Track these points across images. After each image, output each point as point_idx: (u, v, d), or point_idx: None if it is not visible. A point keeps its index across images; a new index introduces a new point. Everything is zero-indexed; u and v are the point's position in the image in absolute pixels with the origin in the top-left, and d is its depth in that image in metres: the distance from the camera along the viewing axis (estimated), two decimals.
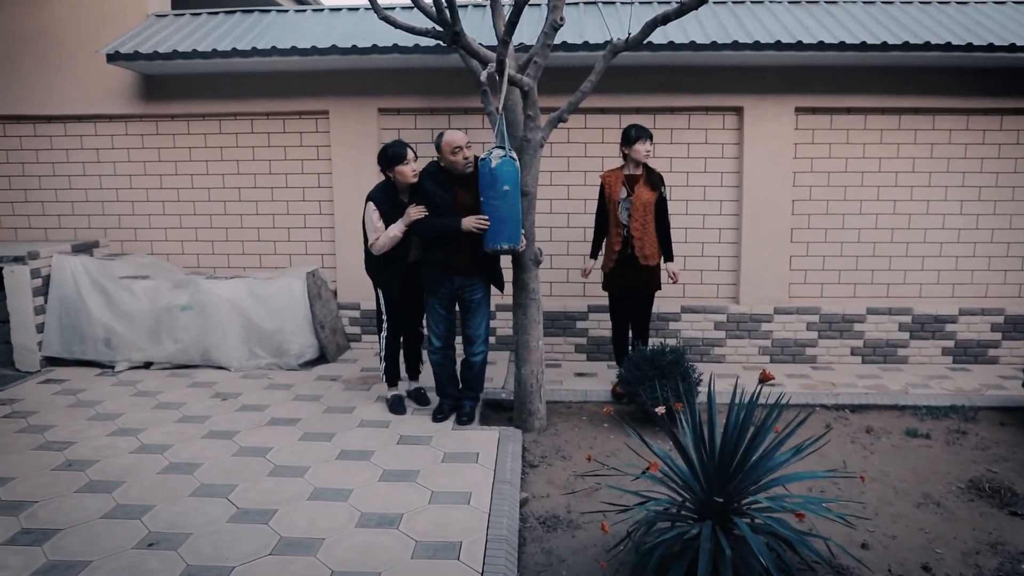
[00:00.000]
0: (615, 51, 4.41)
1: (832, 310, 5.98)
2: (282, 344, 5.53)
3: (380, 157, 4.38)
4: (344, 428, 4.31)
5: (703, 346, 6.04)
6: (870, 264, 6.03)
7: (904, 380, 5.58)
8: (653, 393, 4.52)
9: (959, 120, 5.85)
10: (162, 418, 4.46)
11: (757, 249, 5.92)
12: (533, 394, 4.53)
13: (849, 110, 5.85)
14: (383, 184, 4.45)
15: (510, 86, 4.31)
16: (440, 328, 4.40)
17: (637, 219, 4.91)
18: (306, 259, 6.27)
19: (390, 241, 4.30)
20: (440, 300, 4.36)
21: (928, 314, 5.97)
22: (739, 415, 2.89)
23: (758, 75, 5.71)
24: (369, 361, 5.84)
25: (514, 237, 4.12)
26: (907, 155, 5.91)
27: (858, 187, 5.95)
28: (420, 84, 5.88)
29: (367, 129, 5.97)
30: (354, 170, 6.01)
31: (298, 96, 5.97)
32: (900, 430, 4.72)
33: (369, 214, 4.37)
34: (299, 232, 6.25)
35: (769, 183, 5.84)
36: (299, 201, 6.22)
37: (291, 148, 6.16)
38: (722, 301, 6.08)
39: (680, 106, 5.84)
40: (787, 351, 6.04)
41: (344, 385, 5.20)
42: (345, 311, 6.20)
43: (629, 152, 4.94)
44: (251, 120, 6.14)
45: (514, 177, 4.10)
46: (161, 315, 5.49)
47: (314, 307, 5.69)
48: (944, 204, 5.95)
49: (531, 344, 4.52)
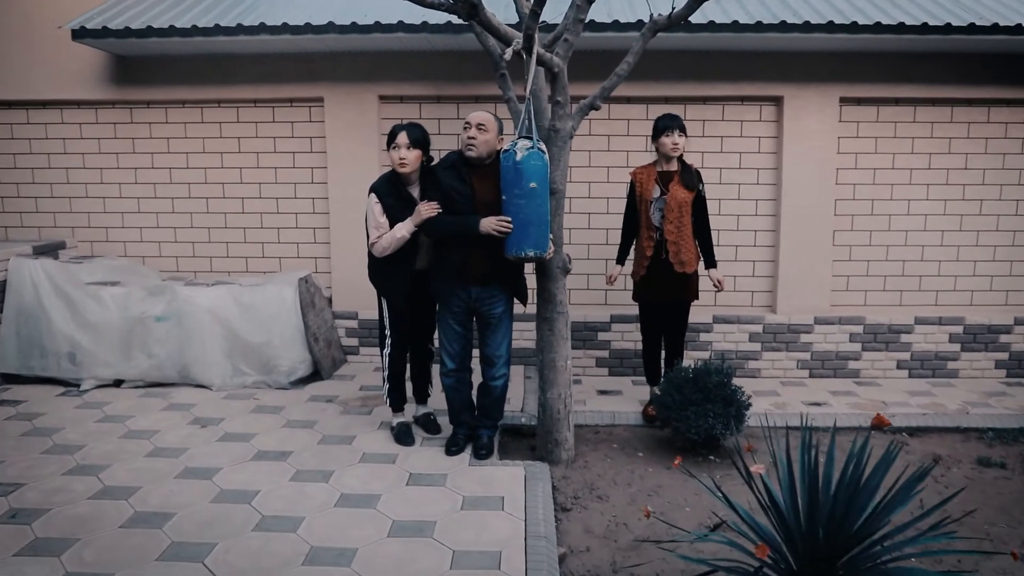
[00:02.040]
0: (656, 29, 3.83)
1: (877, 320, 5.45)
2: (271, 360, 4.92)
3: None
4: (343, 464, 3.72)
5: (736, 359, 5.49)
6: (918, 269, 5.51)
7: (959, 397, 5.07)
8: (699, 420, 3.96)
9: (1016, 112, 5.32)
10: (131, 451, 3.84)
11: (796, 253, 5.37)
12: (561, 421, 3.96)
13: (897, 101, 5.31)
14: (389, 174, 3.86)
15: (537, 68, 3.74)
16: (454, 347, 3.82)
17: (672, 221, 4.34)
18: (298, 263, 5.65)
19: (396, 243, 3.71)
20: (454, 314, 3.77)
21: (981, 324, 5.46)
22: (850, 466, 2.33)
23: (800, 61, 5.15)
24: (368, 378, 5.24)
25: (541, 243, 3.54)
26: (959, 150, 5.38)
27: (906, 185, 5.42)
28: (426, 68, 5.28)
29: (366, 119, 5.36)
30: (352, 164, 5.41)
31: (290, 81, 5.35)
32: (970, 458, 4.20)
33: (371, 208, 3.78)
34: (290, 233, 5.64)
35: (810, 181, 5.29)
36: (290, 198, 5.60)
37: (281, 139, 5.54)
38: (757, 310, 5.53)
39: (713, 95, 5.28)
40: (828, 365, 5.50)
41: (341, 408, 4.60)
42: (341, 321, 5.60)
43: (657, 146, 4.39)
44: (237, 108, 5.52)
45: (543, 172, 3.52)
46: (133, 326, 4.87)
47: (307, 317, 5.08)
48: (997, 204, 5.43)
49: (558, 364, 3.95)
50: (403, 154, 3.71)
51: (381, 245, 3.73)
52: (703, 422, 3.96)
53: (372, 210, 3.76)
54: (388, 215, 3.74)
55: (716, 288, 4.48)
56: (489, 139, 3.63)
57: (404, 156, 3.71)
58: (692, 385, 4.08)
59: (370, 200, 3.78)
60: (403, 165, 3.72)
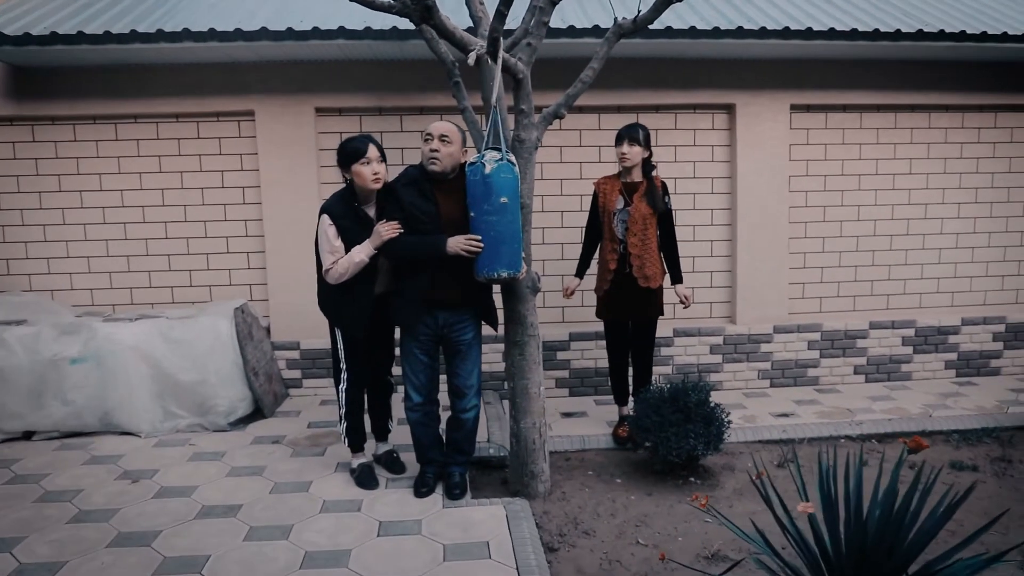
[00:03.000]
0: (621, 33, 3.66)
1: (834, 326, 5.45)
2: (207, 400, 4.44)
3: (339, 153, 3.44)
4: (303, 515, 3.32)
5: (698, 372, 5.37)
6: (870, 274, 5.54)
7: (918, 400, 5.10)
8: (680, 442, 3.77)
9: (955, 117, 5.45)
10: (49, 517, 3.32)
11: (754, 262, 5.31)
12: (536, 452, 3.69)
13: (845, 107, 5.34)
14: (342, 192, 3.50)
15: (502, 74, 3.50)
16: (420, 379, 3.49)
17: (636, 233, 4.17)
18: (230, 291, 5.18)
19: (354, 268, 3.36)
20: (420, 343, 3.45)
21: (931, 326, 5.54)
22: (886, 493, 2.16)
23: (752, 68, 5.11)
24: (315, 412, 4.82)
25: (514, 262, 3.27)
26: (904, 155, 5.46)
27: (855, 191, 5.45)
28: (367, 79, 4.95)
29: (302, 133, 4.97)
30: (288, 182, 5.00)
31: (217, 93, 4.90)
32: (942, 462, 4.18)
33: (323, 231, 3.41)
34: (220, 258, 5.16)
35: (765, 188, 5.25)
36: (220, 221, 5.13)
37: (208, 157, 5.07)
38: (717, 321, 5.43)
39: (666, 103, 5.17)
40: (788, 374, 5.46)
41: (291, 449, 4.17)
42: (281, 352, 5.16)
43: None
44: (156, 123, 5.02)
45: (513, 186, 3.26)
46: (45, 371, 4.29)
47: (245, 351, 4.63)
48: (941, 207, 5.54)
49: (531, 391, 3.68)
50: (377, 168, 3.38)
51: (337, 271, 3.37)
52: (684, 443, 3.78)
53: (326, 233, 3.39)
54: (343, 238, 3.39)
55: (683, 304, 4.33)
56: (453, 151, 3.35)
57: (378, 171, 3.38)
58: (670, 404, 3.89)
59: (322, 222, 3.42)
60: (377, 180, 3.39)
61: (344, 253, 3.39)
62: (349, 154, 3.38)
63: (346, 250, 3.39)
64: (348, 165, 3.40)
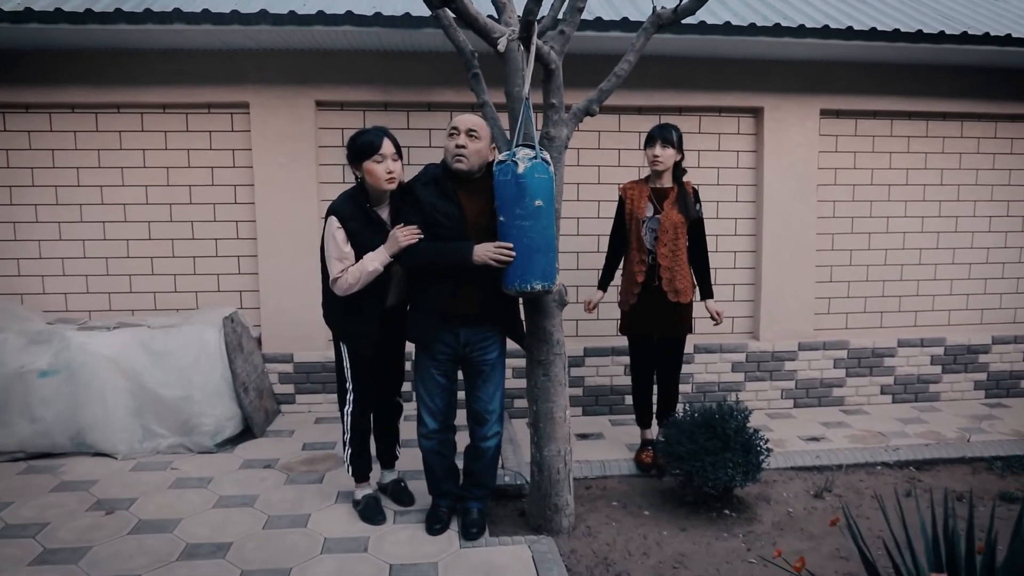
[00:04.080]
0: (659, 24, 3.35)
1: (861, 344, 5.16)
2: (192, 418, 4.04)
3: (349, 148, 3.06)
4: (302, 556, 2.93)
5: (719, 391, 5.06)
6: (898, 290, 5.27)
7: (951, 423, 4.82)
8: (717, 472, 3.44)
9: (987, 127, 5.20)
10: (6, 557, 2.89)
11: (779, 275, 5.00)
12: (561, 483, 3.33)
13: (875, 114, 5.07)
14: (352, 191, 3.13)
15: (518, 68, 3.17)
16: (438, 402, 3.12)
17: (666, 243, 3.84)
18: (218, 298, 4.77)
19: (366, 278, 2.99)
20: (438, 363, 3.08)
21: (961, 344, 5.27)
22: None
23: (779, 71, 4.82)
24: (310, 432, 4.43)
25: (549, 273, 2.93)
26: (935, 166, 5.20)
27: (884, 202, 5.17)
28: (373, 71, 4.58)
29: (301, 128, 4.59)
30: (284, 181, 4.62)
31: (208, 83, 4.51)
32: (990, 494, 3.88)
33: (331, 235, 3.03)
34: (208, 262, 4.76)
35: (791, 197, 4.95)
36: (208, 222, 4.73)
37: (197, 152, 4.67)
38: (739, 338, 5.12)
39: (690, 105, 4.85)
40: (812, 393, 5.16)
41: (285, 475, 3.78)
42: (273, 365, 4.76)
43: (645, 158, 3.91)
44: (141, 114, 4.61)
45: (548, 187, 2.92)
46: (10, 384, 3.87)
47: (234, 364, 4.23)
48: (971, 220, 5.28)
49: (556, 415, 3.32)
50: (392, 167, 3.01)
51: (347, 281, 3.00)
52: (722, 473, 3.44)
53: (334, 237, 3.02)
54: (353, 242, 3.03)
55: (715, 321, 4.00)
56: (481, 148, 3.00)
57: (393, 169, 3.01)
58: (706, 431, 3.56)
59: (329, 225, 3.05)
60: (392, 180, 3.02)
61: (354, 260, 3.02)
62: (360, 149, 3.01)
63: (356, 256, 3.02)
64: (359, 161, 3.03)
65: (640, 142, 4.87)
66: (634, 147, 4.88)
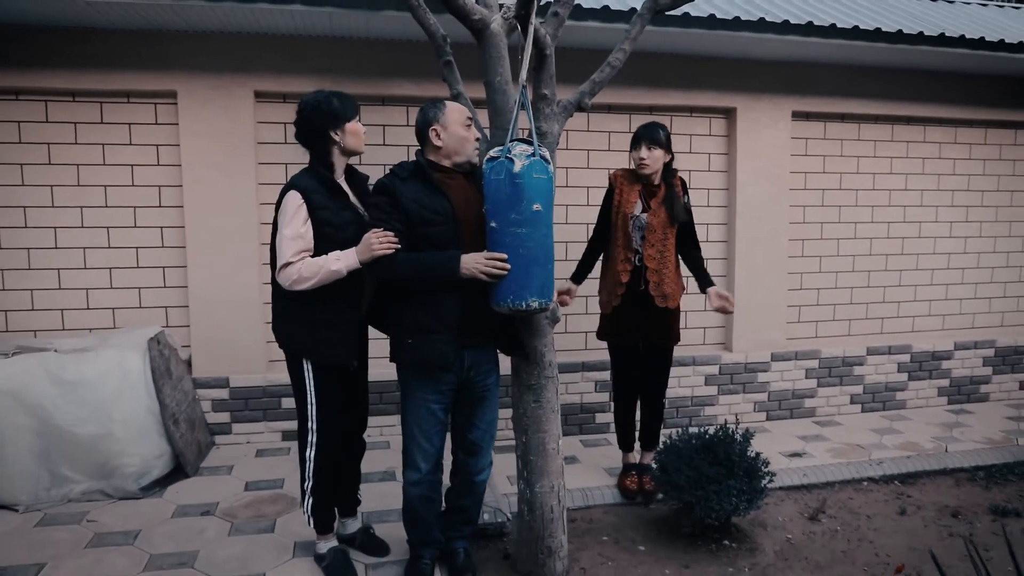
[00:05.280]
0: (656, 9, 3.04)
1: (832, 352, 5.03)
2: (112, 459, 3.43)
3: (317, 115, 2.63)
4: None
5: (692, 406, 4.81)
6: (865, 296, 5.17)
7: (924, 432, 4.75)
8: (722, 501, 3.14)
9: (947, 132, 5.18)
10: None
11: (753, 283, 4.81)
12: (555, 523, 2.96)
13: (843, 116, 4.95)
14: (310, 167, 2.71)
15: (500, 56, 2.80)
16: (435, 443, 2.66)
17: (654, 244, 3.53)
18: (140, 315, 4.15)
19: (325, 276, 2.54)
20: (441, 395, 2.62)
21: (926, 351, 5.23)
22: None
23: (753, 70, 4.63)
24: (251, 468, 3.89)
25: (547, 288, 2.55)
26: (900, 170, 5.14)
27: (852, 207, 5.07)
28: (321, 59, 4.09)
29: (238, 121, 4.05)
30: (217, 182, 4.06)
31: (127, 68, 3.90)
32: (981, 508, 3.79)
33: (293, 211, 2.56)
34: (127, 274, 4.13)
35: (765, 201, 4.76)
36: (127, 227, 4.11)
37: (114, 147, 4.05)
38: (711, 349, 4.89)
39: (662, 104, 4.59)
40: (785, 405, 4.98)
41: (228, 523, 3.24)
42: (205, 391, 4.18)
43: (631, 161, 3.60)
44: (44, 103, 3.95)
45: (548, 190, 2.55)
46: None
47: (162, 393, 3.65)
48: (934, 226, 5.25)
49: (548, 446, 2.95)
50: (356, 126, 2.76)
51: (299, 272, 2.54)
52: (727, 503, 3.16)
53: (296, 214, 2.56)
54: (317, 219, 2.58)
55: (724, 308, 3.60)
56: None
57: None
58: (706, 456, 3.27)
59: (291, 200, 2.58)
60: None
61: (311, 247, 2.57)
62: (345, 109, 2.67)
63: (317, 245, 2.57)
64: (341, 124, 2.65)
65: (610, 143, 4.60)
66: (603, 148, 4.58)
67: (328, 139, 2.65)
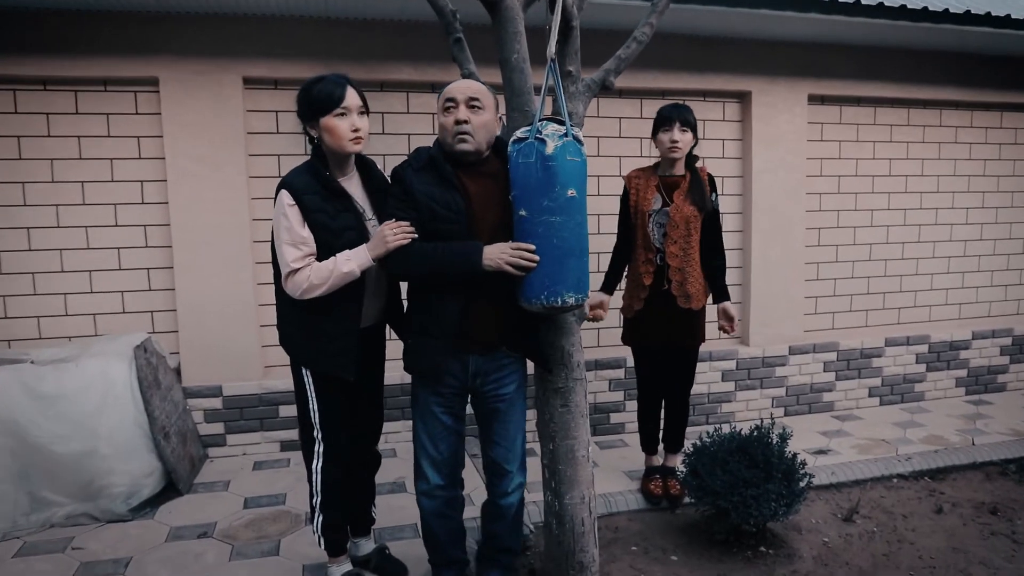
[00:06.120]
0: None
1: (850, 345, 4.85)
2: (97, 478, 3.15)
3: (301, 102, 2.34)
4: None
5: (709, 403, 4.61)
6: (882, 286, 5.00)
7: (947, 424, 4.60)
8: (761, 507, 2.94)
9: (964, 116, 5.02)
10: None
11: (769, 274, 4.61)
12: (586, 536, 2.72)
13: (859, 100, 4.77)
14: (308, 162, 2.41)
15: (518, 32, 2.56)
16: (443, 450, 2.44)
17: (676, 240, 3.32)
18: (123, 321, 3.86)
19: (336, 280, 2.29)
20: (443, 398, 2.40)
21: (944, 341, 5.07)
22: None
23: (768, 51, 4.42)
24: (249, 483, 3.62)
25: (582, 283, 2.32)
26: (916, 155, 4.96)
27: (868, 194, 4.89)
28: (315, 42, 3.82)
29: (226, 110, 3.77)
30: (205, 176, 3.78)
31: (104, 53, 3.61)
32: (1019, 503, 3.64)
33: (282, 213, 2.30)
34: (109, 277, 3.84)
35: (782, 190, 4.57)
36: (108, 227, 3.81)
37: (91, 140, 3.75)
38: (728, 343, 4.69)
39: (673, 88, 4.37)
40: (803, 400, 4.80)
41: (229, 545, 2.98)
42: (197, 401, 3.90)
43: (656, 144, 3.38)
44: (13, 92, 3.64)
45: (582, 174, 2.32)
46: None
47: (151, 404, 3.37)
48: (950, 213, 5.09)
49: (578, 454, 2.71)
50: (358, 123, 2.32)
51: (307, 278, 2.28)
52: (766, 508, 2.95)
53: (286, 216, 2.28)
54: (313, 223, 2.31)
55: (726, 330, 3.49)
56: (487, 121, 2.33)
57: (359, 126, 2.32)
58: (741, 458, 3.06)
59: (280, 201, 2.30)
60: (358, 140, 2.33)
61: (315, 248, 2.31)
62: (318, 102, 2.30)
63: (320, 244, 2.31)
64: (316, 118, 2.32)
65: (620, 129, 4.38)
66: (613, 135, 4.36)
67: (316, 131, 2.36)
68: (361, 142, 2.34)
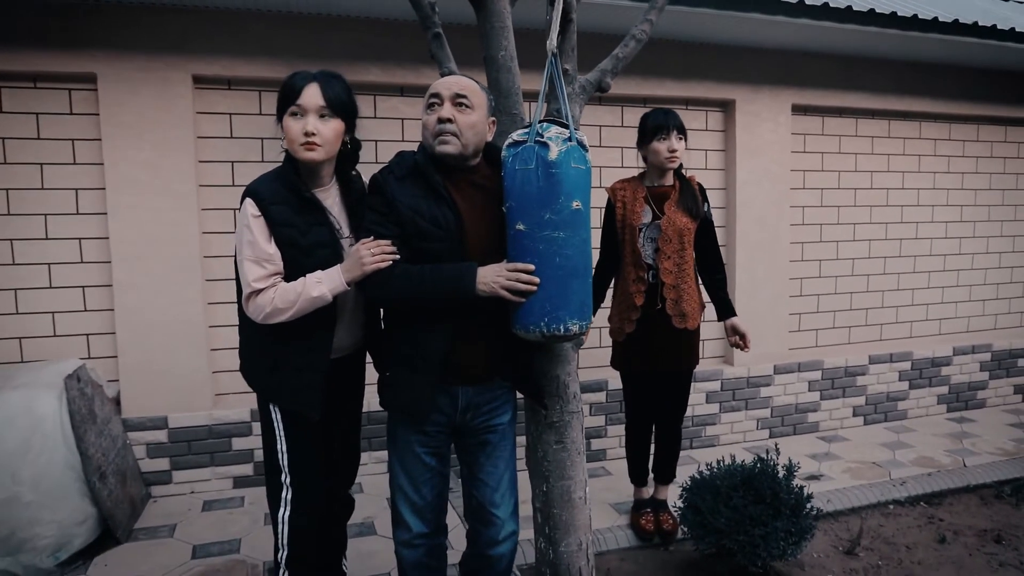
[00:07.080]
0: None
1: (834, 363, 4.70)
2: (19, 529, 2.73)
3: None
4: None
5: (693, 427, 4.39)
6: (865, 302, 4.87)
7: (934, 444, 4.48)
8: (769, 546, 2.70)
9: (942, 128, 4.95)
10: None
11: (755, 290, 4.43)
12: None
13: (841, 111, 4.65)
14: (279, 168, 2.10)
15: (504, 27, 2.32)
16: (425, 494, 2.12)
17: (670, 255, 3.09)
18: (54, 345, 3.43)
19: (304, 304, 1.97)
20: (428, 437, 2.09)
21: (926, 357, 4.97)
22: None
23: (753, 59, 4.26)
24: (198, 527, 3.23)
25: (587, 307, 2.05)
26: (897, 168, 4.87)
27: (851, 207, 4.76)
28: (274, 39, 3.49)
29: (173, 112, 3.40)
30: (148, 184, 3.40)
31: (35, 47, 3.21)
32: (1021, 529, 3.48)
33: (246, 225, 1.99)
34: (37, 296, 3.41)
35: (765, 202, 4.40)
36: (37, 240, 3.39)
37: (17, 143, 3.33)
38: (712, 363, 4.48)
39: (656, 95, 4.17)
40: (788, 420, 4.63)
41: None
42: (138, 434, 3.49)
43: (646, 154, 3.14)
44: None
45: (586, 184, 2.05)
46: None
47: (84, 442, 2.96)
48: (930, 227, 5.00)
49: (575, 496, 2.44)
50: (312, 126, 1.98)
51: (270, 301, 1.96)
52: (774, 548, 2.72)
53: (250, 228, 1.97)
54: (280, 237, 1.99)
55: (740, 346, 3.27)
56: (476, 122, 2.04)
57: (313, 130, 1.98)
58: (746, 493, 2.82)
59: (244, 212, 1.99)
60: (310, 147, 1.99)
61: (281, 267, 1.99)
62: (279, 98, 2.03)
63: (288, 263, 1.99)
64: (279, 117, 2.04)
65: (600, 138, 4.16)
66: (593, 143, 4.12)
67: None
68: (315, 149, 1.99)
